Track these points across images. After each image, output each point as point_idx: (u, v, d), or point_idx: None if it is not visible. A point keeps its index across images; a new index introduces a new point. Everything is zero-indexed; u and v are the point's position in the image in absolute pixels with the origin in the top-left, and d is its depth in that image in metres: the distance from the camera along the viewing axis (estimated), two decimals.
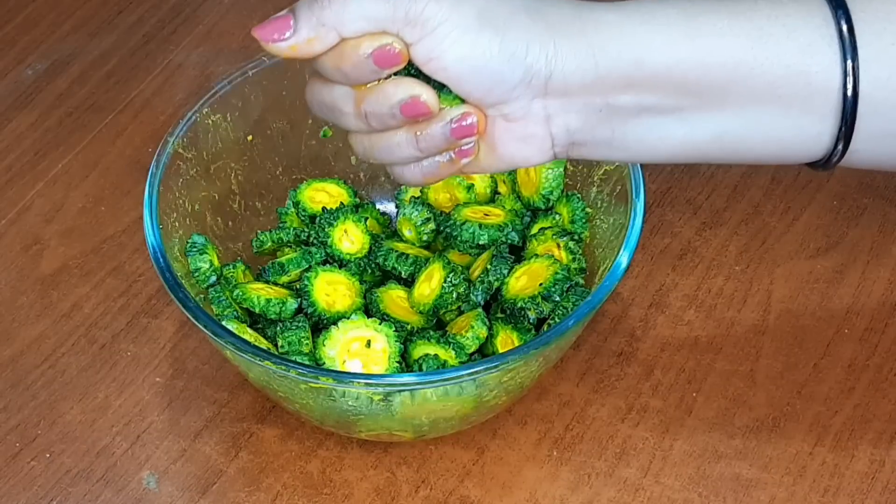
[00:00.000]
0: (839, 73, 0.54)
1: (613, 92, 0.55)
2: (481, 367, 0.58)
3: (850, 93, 0.54)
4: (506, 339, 0.66)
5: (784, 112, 0.56)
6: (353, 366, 0.63)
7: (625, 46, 0.54)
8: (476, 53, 0.53)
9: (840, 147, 0.56)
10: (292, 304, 0.67)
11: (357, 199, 0.75)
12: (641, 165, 0.65)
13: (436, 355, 0.63)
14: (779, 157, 0.58)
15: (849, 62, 0.54)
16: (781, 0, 0.55)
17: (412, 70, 0.54)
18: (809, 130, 0.56)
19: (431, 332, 0.66)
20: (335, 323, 0.65)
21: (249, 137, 0.72)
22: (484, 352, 0.67)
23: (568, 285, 0.66)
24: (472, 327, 0.65)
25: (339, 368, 0.63)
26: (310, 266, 0.69)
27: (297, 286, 0.69)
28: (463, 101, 0.55)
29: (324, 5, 0.53)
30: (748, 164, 0.58)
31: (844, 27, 0.54)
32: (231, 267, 0.70)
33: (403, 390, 0.59)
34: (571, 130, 0.56)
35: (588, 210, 0.70)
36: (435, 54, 0.53)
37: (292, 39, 0.53)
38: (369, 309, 0.68)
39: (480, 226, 0.69)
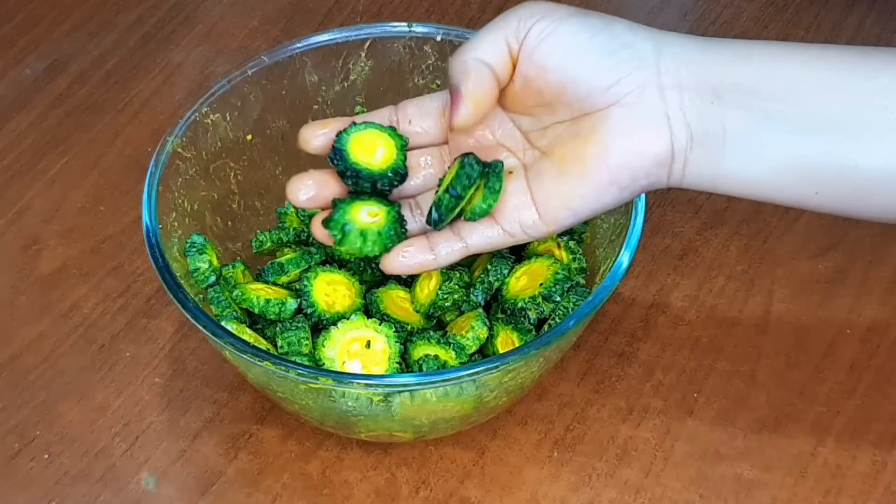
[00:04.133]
0: None
1: (723, 82, 0.56)
2: (481, 368, 0.58)
3: None
4: (506, 340, 0.65)
5: (889, 135, 0.55)
6: (353, 366, 0.63)
7: (729, 45, 0.57)
8: (584, 29, 0.56)
9: None
10: (292, 304, 0.67)
11: None
12: None
13: (436, 356, 0.63)
14: (878, 194, 0.57)
15: None
16: None
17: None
18: None
19: (431, 333, 0.66)
20: (335, 323, 0.64)
21: (249, 137, 0.72)
22: (484, 352, 0.66)
23: (568, 285, 0.66)
24: (473, 328, 0.65)
25: (338, 369, 0.63)
26: (309, 266, 0.69)
27: (297, 286, 0.69)
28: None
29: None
30: (847, 212, 0.58)
31: None
32: (230, 267, 0.70)
33: (403, 391, 0.59)
34: (688, 119, 0.56)
35: None
36: (548, 31, 0.56)
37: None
38: (369, 309, 0.68)
39: None
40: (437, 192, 0.61)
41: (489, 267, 0.67)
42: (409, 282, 0.69)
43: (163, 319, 0.75)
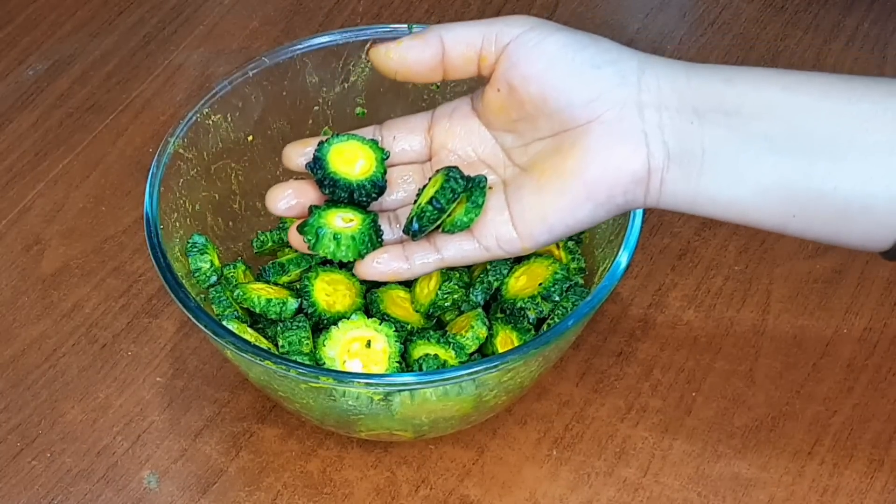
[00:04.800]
0: None
1: (704, 102, 0.56)
2: (481, 367, 0.58)
3: None
4: (505, 339, 0.66)
5: (870, 157, 0.55)
6: (354, 366, 0.63)
7: (714, 68, 0.57)
8: (572, 42, 0.57)
9: None
10: (293, 304, 0.67)
11: None
12: None
13: (436, 355, 0.64)
14: (857, 221, 0.56)
15: None
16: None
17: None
18: (889, 181, 0.55)
19: (431, 332, 0.66)
20: (335, 323, 0.65)
21: (250, 138, 0.72)
22: (484, 352, 0.67)
23: (567, 285, 0.66)
24: (472, 327, 0.65)
25: (339, 368, 0.63)
26: (310, 266, 0.69)
27: (298, 286, 0.69)
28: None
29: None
30: (826, 239, 0.58)
31: None
32: (231, 267, 0.70)
33: (403, 390, 0.59)
34: (666, 138, 0.56)
35: None
36: (536, 41, 0.57)
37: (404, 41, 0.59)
38: (369, 309, 0.68)
39: None
40: (415, 202, 0.62)
41: (489, 267, 0.68)
42: (409, 282, 0.70)
43: (164, 319, 0.75)
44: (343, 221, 0.61)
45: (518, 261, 0.68)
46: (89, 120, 0.87)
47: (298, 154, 0.64)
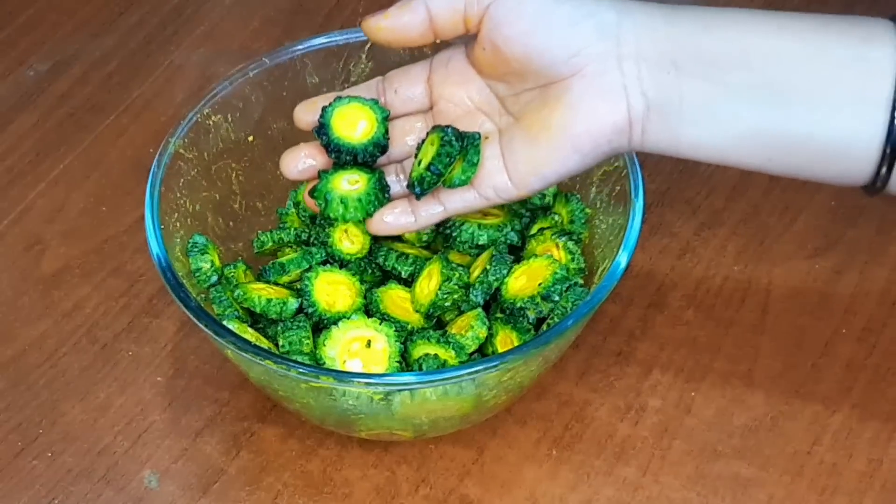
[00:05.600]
0: (893, 62, 0.56)
1: (682, 52, 0.57)
2: (481, 367, 0.58)
3: None
4: (505, 339, 0.66)
5: (844, 106, 0.56)
6: (354, 365, 0.64)
7: (694, 14, 0.58)
8: (548, 3, 0.58)
9: (889, 151, 0.56)
10: (293, 304, 0.67)
11: None
12: (641, 166, 0.65)
13: (436, 355, 0.64)
14: (833, 162, 0.58)
15: None
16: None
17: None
18: (865, 127, 0.57)
19: (431, 332, 0.66)
20: (335, 323, 0.65)
21: (250, 138, 0.72)
22: (483, 352, 0.67)
23: (567, 285, 0.66)
24: (472, 327, 0.65)
25: (339, 368, 0.63)
26: (310, 266, 0.70)
27: (298, 286, 0.69)
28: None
29: None
30: (803, 177, 0.60)
31: None
32: (232, 267, 0.70)
33: (403, 390, 0.59)
34: (644, 89, 0.58)
35: (587, 210, 0.70)
36: (513, 3, 0.58)
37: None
38: (369, 309, 0.68)
39: (479, 226, 0.69)
40: (415, 162, 0.65)
41: (488, 267, 0.68)
42: (409, 282, 0.70)
43: (165, 319, 0.75)
44: (349, 184, 0.64)
45: (518, 261, 0.69)
46: (90, 120, 0.87)
47: (307, 114, 0.66)
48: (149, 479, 0.68)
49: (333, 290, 0.68)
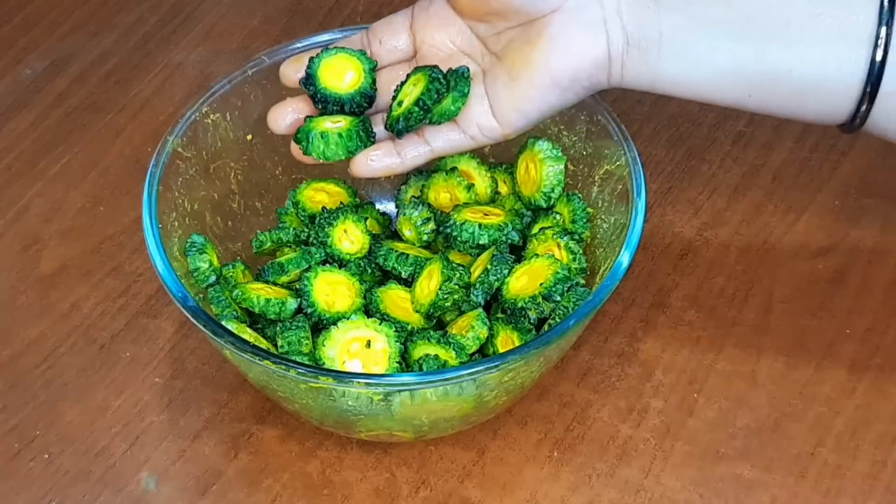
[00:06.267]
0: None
1: None
2: (481, 367, 0.58)
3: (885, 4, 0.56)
4: (506, 340, 0.65)
5: (823, 42, 0.57)
6: (353, 366, 0.63)
7: None
8: None
9: (869, 89, 0.57)
10: (292, 304, 0.67)
11: (357, 199, 0.75)
12: (643, 165, 0.65)
13: (436, 355, 0.63)
14: (813, 99, 0.59)
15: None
16: None
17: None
18: (846, 64, 0.57)
19: (431, 333, 0.66)
20: (335, 323, 0.64)
21: (249, 137, 0.72)
22: (484, 352, 0.66)
23: (568, 285, 0.66)
24: (473, 327, 0.65)
25: (338, 368, 0.63)
26: (309, 266, 0.69)
27: (297, 286, 0.69)
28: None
29: None
30: (783, 115, 0.61)
31: None
32: (230, 267, 0.70)
33: (403, 390, 0.59)
34: (624, 23, 0.59)
35: (589, 210, 0.70)
36: None
37: None
38: (369, 309, 0.68)
39: (480, 226, 0.69)
40: (393, 98, 0.65)
41: (489, 267, 0.67)
42: (409, 282, 0.69)
43: (163, 319, 0.75)
44: (332, 123, 0.64)
45: (519, 261, 0.68)
46: (88, 119, 0.87)
47: (294, 70, 0.66)
48: (147, 481, 0.67)
49: (333, 290, 0.68)
